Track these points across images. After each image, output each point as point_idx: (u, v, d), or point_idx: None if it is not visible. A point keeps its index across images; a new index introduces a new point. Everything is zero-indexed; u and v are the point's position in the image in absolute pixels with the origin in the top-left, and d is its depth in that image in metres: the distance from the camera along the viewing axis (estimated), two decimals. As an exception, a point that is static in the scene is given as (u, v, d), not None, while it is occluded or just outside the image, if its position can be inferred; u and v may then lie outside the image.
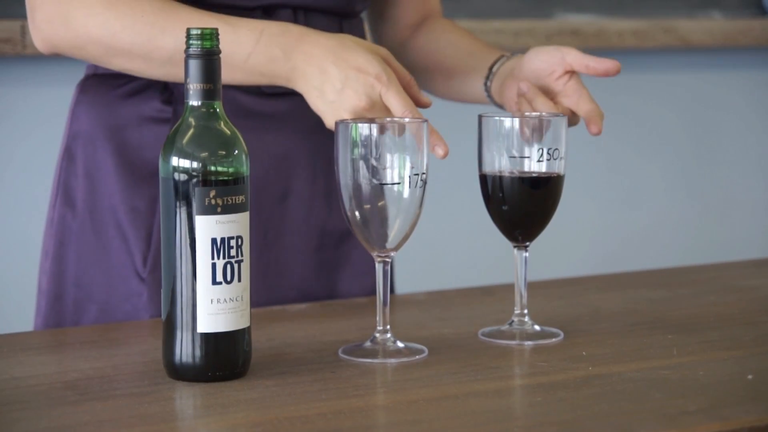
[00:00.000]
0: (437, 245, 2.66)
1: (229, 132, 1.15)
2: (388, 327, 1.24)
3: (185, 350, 1.13)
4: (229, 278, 1.13)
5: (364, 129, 1.19)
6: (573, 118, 1.42)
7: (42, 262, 1.53)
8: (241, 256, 1.13)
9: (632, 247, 2.89)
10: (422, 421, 1.04)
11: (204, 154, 1.13)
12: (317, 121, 1.46)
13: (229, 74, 1.32)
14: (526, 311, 1.32)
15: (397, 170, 1.19)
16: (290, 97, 1.44)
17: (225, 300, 1.13)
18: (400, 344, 1.24)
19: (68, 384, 1.14)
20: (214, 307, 1.12)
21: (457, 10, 2.62)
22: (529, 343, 1.28)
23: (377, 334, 1.24)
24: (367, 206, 1.20)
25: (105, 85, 1.47)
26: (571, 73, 1.42)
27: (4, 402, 1.09)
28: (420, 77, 1.63)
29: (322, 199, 1.53)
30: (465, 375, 1.17)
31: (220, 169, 1.13)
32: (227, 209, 1.13)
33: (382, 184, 1.19)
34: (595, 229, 2.86)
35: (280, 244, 1.51)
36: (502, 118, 1.29)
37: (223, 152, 1.14)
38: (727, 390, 1.12)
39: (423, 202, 1.22)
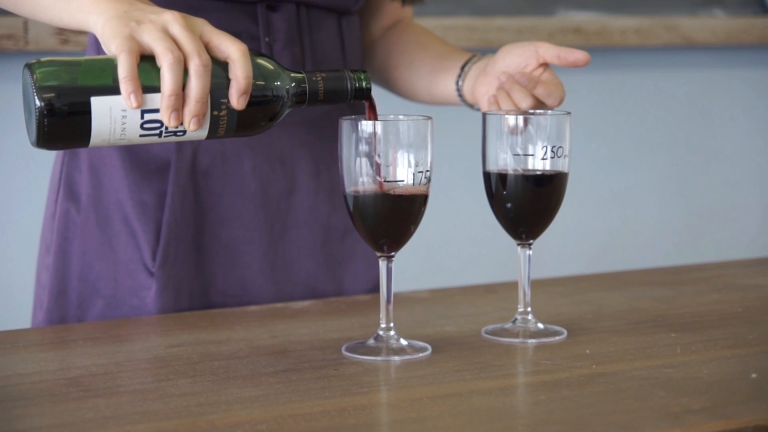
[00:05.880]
0: (441, 243, 2.66)
1: None
2: (392, 324, 1.24)
3: None
4: None
5: (367, 126, 1.19)
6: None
7: (42, 257, 1.53)
8: None
9: (636, 245, 2.89)
10: (425, 418, 1.04)
11: None
12: (320, 114, 1.45)
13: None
14: (529, 309, 1.32)
15: (401, 167, 1.19)
16: None
17: None
18: (403, 342, 1.24)
19: (71, 380, 1.14)
20: None
21: (459, 7, 2.62)
22: (533, 341, 1.28)
23: (381, 332, 1.24)
24: (370, 204, 1.20)
25: None
26: (545, 65, 1.43)
27: (7, 399, 1.09)
28: (389, 76, 1.63)
29: (326, 193, 1.53)
30: (468, 373, 1.16)
31: None
32: None
33: (385, 181, 1.19)
34: (599, 227, 2.86)
35: (286, 240, 1.51)
36: (506, 116, 1.29)
37: None
38: (730, 388, 1.11)
39: (427, 199, 1.21)
